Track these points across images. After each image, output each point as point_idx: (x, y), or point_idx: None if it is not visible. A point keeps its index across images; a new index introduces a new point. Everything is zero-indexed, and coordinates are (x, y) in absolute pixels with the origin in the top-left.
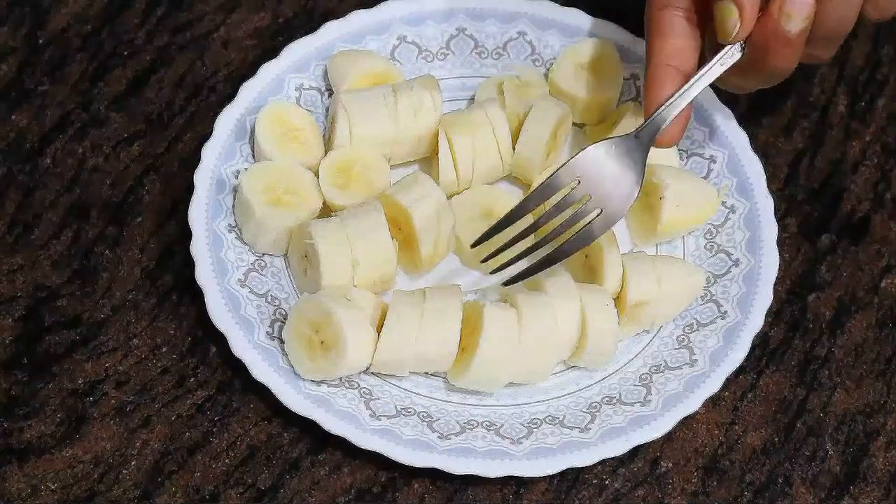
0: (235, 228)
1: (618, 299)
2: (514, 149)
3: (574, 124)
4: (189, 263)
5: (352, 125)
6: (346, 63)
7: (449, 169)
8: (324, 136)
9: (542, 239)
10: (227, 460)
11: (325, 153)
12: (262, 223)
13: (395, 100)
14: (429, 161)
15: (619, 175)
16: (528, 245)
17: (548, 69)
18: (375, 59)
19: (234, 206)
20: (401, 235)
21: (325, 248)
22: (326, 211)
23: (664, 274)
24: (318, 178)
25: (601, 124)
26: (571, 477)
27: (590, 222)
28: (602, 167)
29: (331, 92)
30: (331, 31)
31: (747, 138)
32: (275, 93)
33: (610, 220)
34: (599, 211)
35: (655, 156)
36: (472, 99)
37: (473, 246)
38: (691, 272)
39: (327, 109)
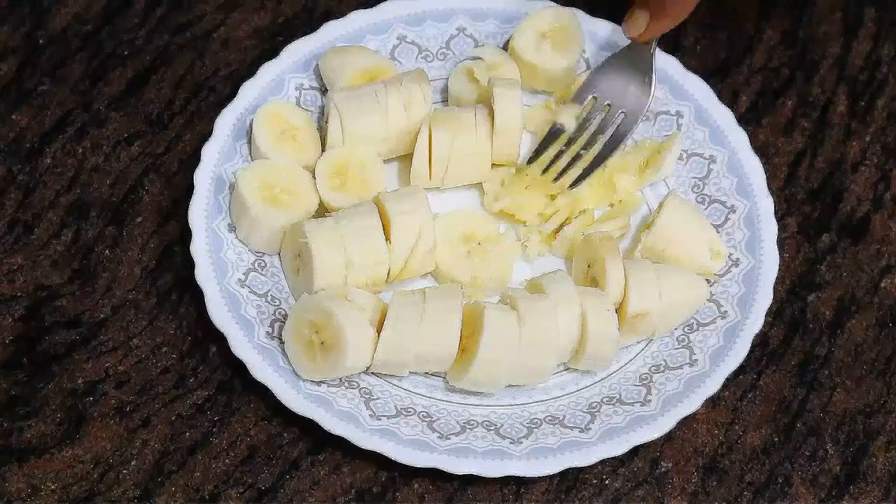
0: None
1: (618, 310)
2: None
3: (537, 91)
4: (189, 263)
5: (344, 124)
6: (338, 60)
7: (422, 159)
8: (321, 135)
9: (583, 148)
10: (227, 460)
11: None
12: (257, 221)
13: (386, 96)
14: None
15: (631, 80)
16: (572, 155)
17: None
18: (367, 54)
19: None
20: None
21: (319, 248)
22: (322, 211)
23: (666, 287)
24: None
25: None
26: (571, 477)
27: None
28: (614, 79)
29: None
30: (331, 31)
31: (747, 138)
32: (275, 93)
33: (633, 119)
34: (623, 114)
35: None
36: (445, 88)
37: (529, 163)
38: (694, 284)
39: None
